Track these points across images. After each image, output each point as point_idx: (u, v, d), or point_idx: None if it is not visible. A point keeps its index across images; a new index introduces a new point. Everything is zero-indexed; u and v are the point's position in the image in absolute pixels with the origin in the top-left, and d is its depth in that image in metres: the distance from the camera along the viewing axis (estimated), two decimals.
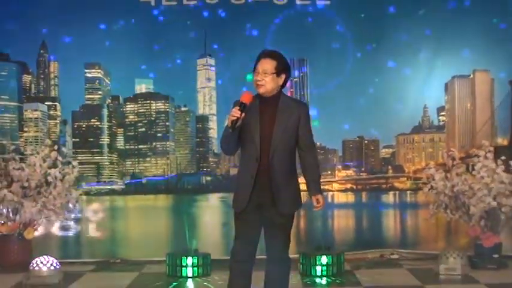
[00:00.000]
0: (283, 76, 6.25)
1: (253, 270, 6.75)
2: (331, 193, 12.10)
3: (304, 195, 6.35)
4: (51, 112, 12.03)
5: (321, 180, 7.10)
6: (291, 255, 8.33)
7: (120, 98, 12.14)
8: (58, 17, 11.21)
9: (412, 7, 11.30)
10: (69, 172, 11.14)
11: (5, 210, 10.93)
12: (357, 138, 12.12)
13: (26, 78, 11.89)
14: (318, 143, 12.03)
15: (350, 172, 12.07)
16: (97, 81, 12.09)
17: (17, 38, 11.61)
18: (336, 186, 12.02)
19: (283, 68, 6.25)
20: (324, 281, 9.82)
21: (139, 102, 12.15)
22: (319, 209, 6.43)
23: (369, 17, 11.42)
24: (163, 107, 12.15)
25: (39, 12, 11.15)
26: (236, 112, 5.97)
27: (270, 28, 11.62)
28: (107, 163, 12.10)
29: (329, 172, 11.96)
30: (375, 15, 11.42)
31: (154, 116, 12.18)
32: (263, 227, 6.50)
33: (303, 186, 6.30)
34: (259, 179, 6.23)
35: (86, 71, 12.02)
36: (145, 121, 12.17)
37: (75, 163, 11.40)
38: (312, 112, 11.84)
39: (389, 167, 12.11)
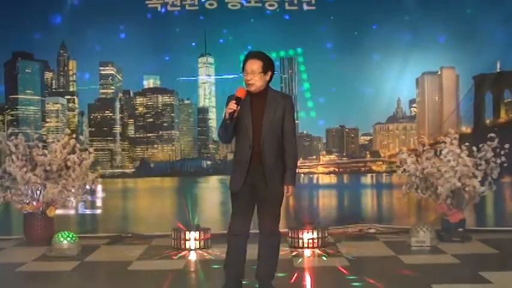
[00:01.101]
0: (269, 73, 6.47)
1: (247, 243, 6.85)
2: (316, 175, 12.15)
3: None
4: (70, 105, 12.06)
5: (306, 164, 7.20)
6: (281, 230, 8.37)
7: (131, 92, 12.17)
8: (76, 21, 11.24)
9: (383, 12, 11.36)
10: (86, 157, 11.19)
11: (30, 191, 10.98)
12: (339, 127, 12.16)
13: (48, 75, 11.90)
14: (304, 131, 12.12)
15: (333, 157, 12.13)
16: (110, 77, 12.10)
17: (40, 39, 11.63)
18: (320, 169, 12.07)
19: (268, 67, 6.46)
20: (309, 252, 9.90)
21: (148, 95, 12.17)
22: (288, 196, 6.67)
23: (348, 23, 11.49)
24: (168, 100, 12.17)
25: (59, 16, 11.18)
26: (233, 105, 6.21)
27: (262, 30, 11.65)
28: (119, 150, 12.14)
29: (314, 157, 12.00)
30: (354, 21, 11.49)
31: (160, 108, 12.20)
32: (256, 204, 6.62)
33: None
34: (253, 164, 6.42)
35: (101, 68, 12.03)
36: (153, 112, 12.19)
37: (91, 150, 11.45)
38: (300, 104, 11.92)
39: (367, 152, 12.17)
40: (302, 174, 11.91)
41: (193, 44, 11.73)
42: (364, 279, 8.03)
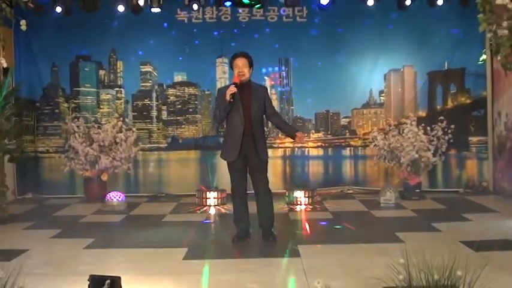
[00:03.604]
0: (252, 68, 6.82)
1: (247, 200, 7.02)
2: (307, 149, 12.23)
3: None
4: (118, 95, 12.15)
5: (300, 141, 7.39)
6: (279, 191, 8.41)
7: (164, 85, 12.23)
8: (123, 31, 11.37)
9: (359, 23, 11.48)
10: (130, 135, 11.32)
11: (88, 161, 11.13)
12: (325, 111, 12.23)
13: (101, 72, 12.00)
14: (298, 115, 12.20)
15: (320, 135, 12.20)
16: (148, 74, 12.18)
17: (95, 45, 11.78)
18: (310, 144, 12.16)
19: (251, 63, 6.82)
20: (302, 208, 10.03)
21: (177, 87, 12.24)
22: (302, 140, 7.27)
23: (331, 33, 11.59)
24: (193, 91, 12.23)
25: (110, 29, 11.34)
26: (233, 88, 6.56)
27: (266, 36, 11.74)
28: (155, 129, 12.22)
29: (306, 134, 12.07)
30: (336, 31, 11.59)
31: (187, 97, 12.27)
32: (249, 170, 6.82)
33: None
34: (245, 137, 6.68)
35: (141, 67, 12.11)
36: (181, 101, 12.25)
37: (134, 129, 11.57)
38: (295, 94, 12.04)
39: (347, 131, 12.23)
40: (296, 148, 12.00)
41: (213, 47, 11.78)
42: (344, 227, 8.20)
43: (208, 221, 9.03)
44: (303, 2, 11.29)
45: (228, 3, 11.13)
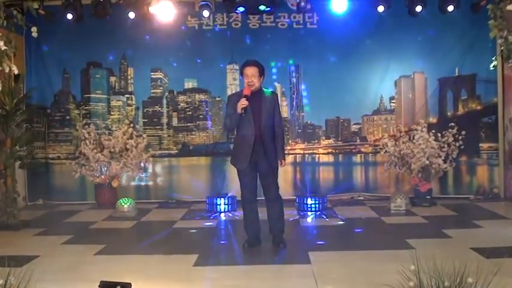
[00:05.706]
0: (262, 76, 6.81)
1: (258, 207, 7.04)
2: (317, 155, 12.22)
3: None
4: (129, 102, 12.19)
5: (309, 146, 7.36)
6: (290, 197, 8.38)
7: (174, 92, 12.25)
8: (133, 39, 11.41)
9: (369, 29, 11.44)
10: (140, 142, 11.37)
11: (99, 167, 11.20)
12: (335, 118, 12.22)
13: (112, 79, 12.04)
14: (308, 121, 12.19)
15: (330, 141, 12.18)
16: (159, 80, 12.22)
17: (106, 52, 11.85)
18: (321, 150, 12.13)
19: (262, 72, 6.80)
20: (312, 214, 10.02)
21: (187, 94, 12.26)
22: (283, 166, 7.07)
23: (342, 40, 11.54)
24: (203, 97, 12.26)
25: (121, 36, 11.38)
26: (244, 101, 6.56)
27: (276, 43, 11.74)
28: (166, 136, 12.24)
29: (316, 141, 12.06)
30: (347, 38, 11.53)
31: (197, 103, 12.29)
32: (259, 177, 6.86)
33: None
34: (255, 146, 6.69)
35: (151, 73, 12.15)
36: (192, 107, 12.27)
37: (144, 136, 11.62)
38: (305, 101, 12.04)
39: (357, 137, 12.21)
40: (306, 155, 12.00)
41: (223, 54, 11.80)
42: (355, 233, 8.20)
43: (218, 227, 9.04)
44: (313, 8, 11.24)
45: (240, 9, 11.05)
